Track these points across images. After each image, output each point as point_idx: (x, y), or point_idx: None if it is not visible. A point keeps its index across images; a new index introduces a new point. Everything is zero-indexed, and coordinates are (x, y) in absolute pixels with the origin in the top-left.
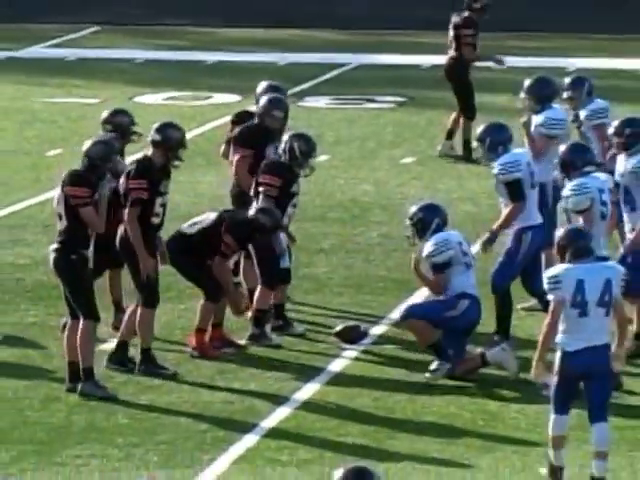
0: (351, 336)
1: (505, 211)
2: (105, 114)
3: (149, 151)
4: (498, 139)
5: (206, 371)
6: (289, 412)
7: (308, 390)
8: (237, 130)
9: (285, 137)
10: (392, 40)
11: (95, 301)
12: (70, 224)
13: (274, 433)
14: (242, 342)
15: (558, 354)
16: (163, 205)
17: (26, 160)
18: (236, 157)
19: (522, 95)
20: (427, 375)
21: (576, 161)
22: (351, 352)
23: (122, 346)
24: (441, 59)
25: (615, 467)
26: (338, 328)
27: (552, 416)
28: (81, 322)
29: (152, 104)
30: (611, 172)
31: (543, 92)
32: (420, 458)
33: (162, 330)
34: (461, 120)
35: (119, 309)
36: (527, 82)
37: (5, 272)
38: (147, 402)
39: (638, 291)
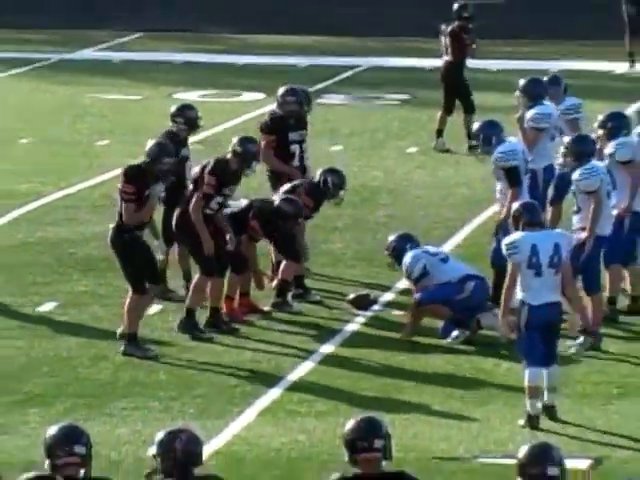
0: (362, 303)
1: (507, 199)
2: (173, 109)
3: (228, 155)
4: (491, 133)
5: (234, 333)
6: (308, 369)
7: (325, 350)
8: (262, 120)
9: (319, 171)
10: (397, 45)
11: (142, 276)
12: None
13: (295, 388)
14: (266, 308)
15: (524, 310)
16: (220, 204)
17: (78, 149)
18: (262, 144)
19: (517, 93)
20: (449, 340)
21: (586, 149)
22: (362, 317)
23: (190, 312)
24: (439, 62)
25: (592, 417)
26: (351, 296)
27: (526, 369)
28: (129, 293)
29: (188, 101)
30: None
31: (535, 90)
32: (423, 410)
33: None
34: (463, 116)
35: (188, 278)
36: (521, 82)
37: (60, 247)
38: (184, 361)
39: (611, 260)
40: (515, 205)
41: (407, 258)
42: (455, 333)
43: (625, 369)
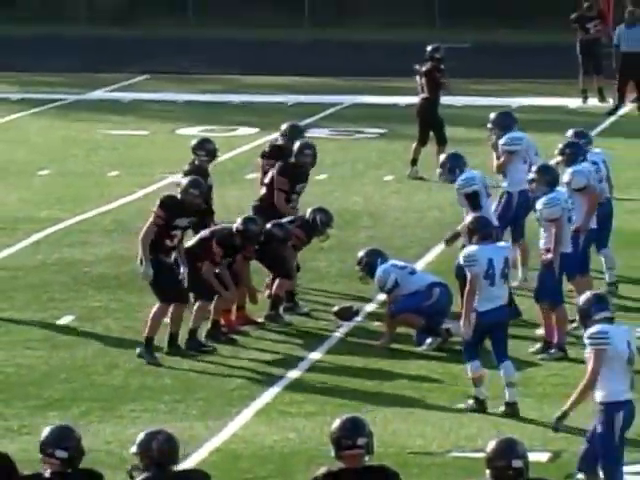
0: (346, 314)
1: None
2: (195, 142)
3: (234, 226)
4: (455, 164)
5: (232, 343)
6: (298, 374)
7: (313, 357)
8: (280, 165)
9: (309, 210)
10: (375, 85)
11: (168, 291)
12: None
13: (286, 391)
14: (260, 320)
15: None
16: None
17: (91, 180)
18: (277, 190)
19: (489, 125)
20: (423, 347)
21: (554, 178)
22: (346, 327)
23: (194, 331)
24: (413, 99)
25: (551, 414)
26: (336, 308)
27: (468, 363)
28: (156, 305)
29: (190, 135)
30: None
31: (505, 122)
32: (400, 409)
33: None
34: (436, 147)
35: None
36: (492, 115)
37: (76, 267)
38: (187, 368)
39: (572, 274)
40: (470, 219)
41: (379, 272)
42: (428, 341)
43: (581, 372)
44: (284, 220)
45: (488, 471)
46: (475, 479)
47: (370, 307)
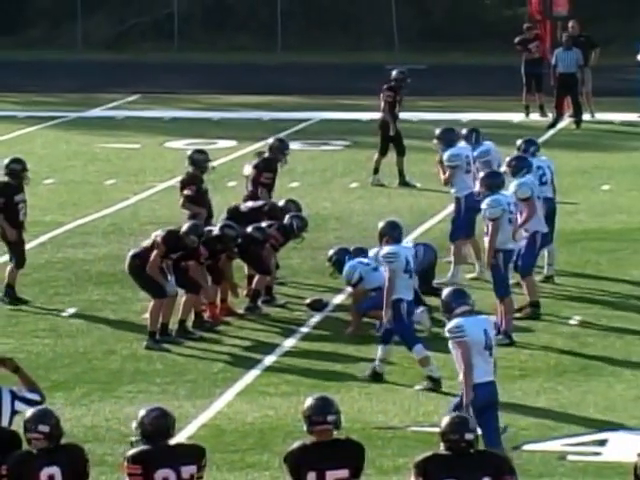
0: (317, 306)
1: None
2: (190, 153)
3: (214, 231)
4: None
5: (216, 331)
6: (275, 359)
7: (288, 344)
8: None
9: (287, 216)
10: (341, 102)
11: (161, 287)
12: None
13: (265, 374)
14: (241, 312)
15: (402, 304)
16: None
17: (90, 187)
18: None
19: (434, 141)
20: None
21: (495, 182)
22: (317, 317)
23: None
24: (374, 115)
25: (499, 394)
26: (308, 300)
27: (415, 347)
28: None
29: (176, 148)
30: None
31: (448, 137)
32: (365, 389)
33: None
34: (395, 157)
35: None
36: (437, 131)
37: (77, 265)
38: (177, 354)
39: (525, 272)
40: (381, 224)
41: (346, 268)
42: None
43: (524, 356)
44: (264, 224)
45: (442, 444)
46: (432, 451)
47: (338, 299)
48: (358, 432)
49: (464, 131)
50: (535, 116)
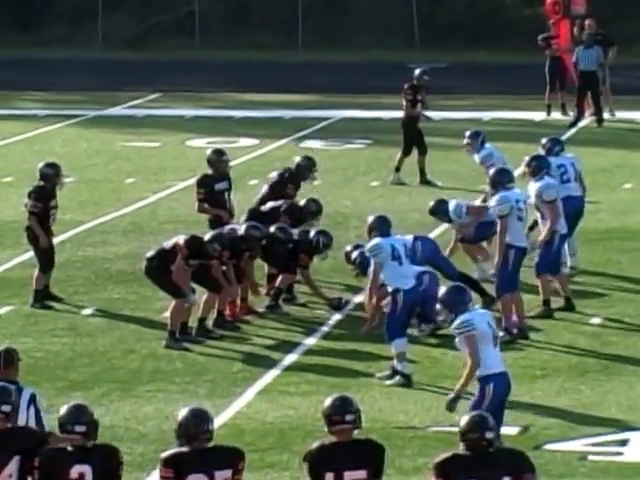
0: (338, 304)
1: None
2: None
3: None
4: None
5: (236, 330)
6: (295, 358)
7: (308, 342)
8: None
9: (313, 231)
10: (362, 101)
11: (181, 289)
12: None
13: (285, 373)
14: (261, 310)
15: (399, 295)
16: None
17: (110, 186)
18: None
19: (465, 141)
20: (417, 333)
21: (502, 180)
22: (338, 316)
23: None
24: (396, 114)
25: (520, 393)
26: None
27: (397, 340)
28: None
29: (197, 146)
30: None
31: (479, 138)
32: (385, 389)
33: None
34: (417, 156)
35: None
36: (468, 133)
37: (97, 263)
38: (197, 353)
39: (541, 270)
40: (369, 219)
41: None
42: (422, 326)
43: (545, 355)
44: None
45: (462, 443)
46: (452, 450)
47: (359, 298)
48: (378, 432)
49: (467, 133)
50: (557, 115)
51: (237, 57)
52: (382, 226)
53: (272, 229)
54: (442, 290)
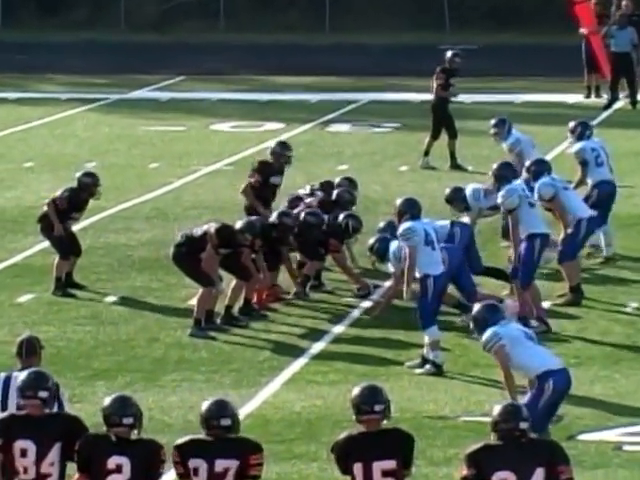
0: (365, 291)
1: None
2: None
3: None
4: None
5: (263, 318)
6: (322, 347)
7: (336, 331)
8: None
9: (341, 215)
10: (391, 83)
11: (210, 277)
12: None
13: (312, 362)
14: (288, 297)
15: (429, 280)
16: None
17: (133, 171)
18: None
19: (492, 130)
20: (459, 321)
21: (506, 174)
22: (367, 302)
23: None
24: (425, 96)
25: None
26: (357, 286)
27: (431, 327)
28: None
29: (222, 130)
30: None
31: (505, 125)
32: (415, 378)
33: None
34: (447, 140)
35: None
36: (492, 121)
37: (120, 250)
38: (222, 341)
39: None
40: (398, 202)
41: (393, 247)
42: (463, 317)
43: (579, 344)
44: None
45: (494, 433)
46: (484, 440)
47: (387, 284)
48: (408, 422)
49: (492, 121)
50: (592, 97)
51: (263, 39)
52: (413, 209)
53: (302, 215)
54: (475, 308)
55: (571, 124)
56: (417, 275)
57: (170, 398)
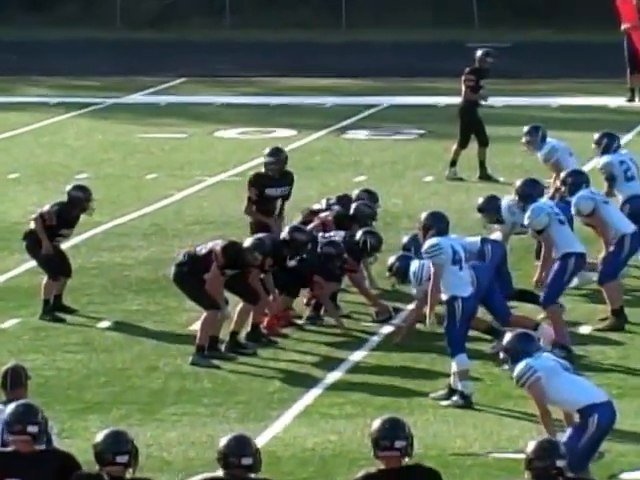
0: (385, 316)
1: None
2: (268, 151)
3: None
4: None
5: (272, 345)
6: (338, 376)
7: (353, 359)
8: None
9: (360, 232)
10: (414, 86)
11: (214, 300)
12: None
13: (327, 393)
14: (301, 322)
15: (457, 303)
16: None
17: (129, 182)
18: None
19: (524, 139)
20: (490, 348)
21: (532, 192)
22: (386, 328)
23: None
24: (452, 100)
25: None
26: (375, 310)
27: (460, 355)
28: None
29: (227, 138)
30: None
31: (539, 134)
32: (441, 411)
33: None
34: (477, 147)
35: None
36: (525, 129)
37: (115, 270)
38: (227, 370)
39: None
40: (424, 215)
41: (414, 267)
42: (494, 343)
43: (623, 373)
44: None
45: (528, 472)
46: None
47: (410, 307)
48: (433, 459)
49: (525, 129)
50: (636, 100)
51: (272, 37)
52: (440, 224)
53: (320, 246)
54: (506, 337)
55: (596, 135)
56: (443, 297)
57: (169, 433)
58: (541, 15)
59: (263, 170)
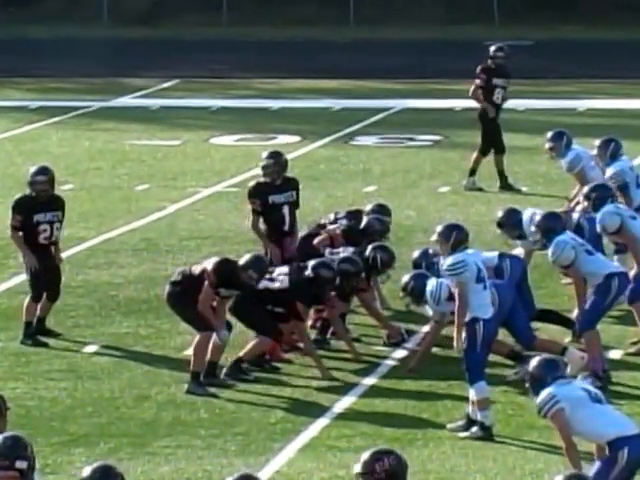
0: (396, 338)
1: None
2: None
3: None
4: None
5: (275, 371)
6: (346, 405)
7: (362, 385)
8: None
9: (369, 247)
10: (429, 87)
11: (207, 321)
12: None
13: (334, 423)
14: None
15: (478, 325)
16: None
17: (118, 194)
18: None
19: (547, 145)
20: (511, 376)
21: (554, 226)
22: (398, 352)
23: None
24: (470, 103)
25: None
26: (387, 333)
27: (479, 383)
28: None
29: (225, 145)
30: None
31: (564, 139)
32: (459, 443)
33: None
34: (493, 155)
35: None
36: (549, 134)
37: (101, 290)
38: (225, 399)
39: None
40: (440, 229)
41: (431, 286)
42: (516, 369)
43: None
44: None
45: None
46: None
47: (425, 329)
48: None
49: (549, 134)
50: None
51: (273, 35)
52: (463, 238)
53: (337, 263)
54: (532, 362)
55: (597, 142)
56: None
57: (162, 468)
58: (566, 10)
59: (262, 178)
